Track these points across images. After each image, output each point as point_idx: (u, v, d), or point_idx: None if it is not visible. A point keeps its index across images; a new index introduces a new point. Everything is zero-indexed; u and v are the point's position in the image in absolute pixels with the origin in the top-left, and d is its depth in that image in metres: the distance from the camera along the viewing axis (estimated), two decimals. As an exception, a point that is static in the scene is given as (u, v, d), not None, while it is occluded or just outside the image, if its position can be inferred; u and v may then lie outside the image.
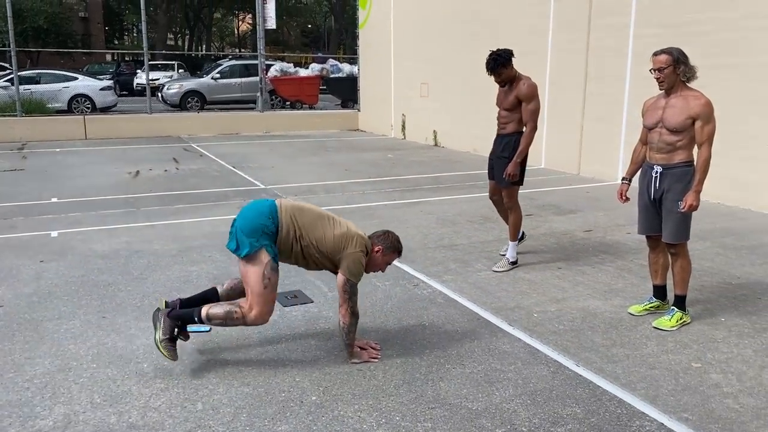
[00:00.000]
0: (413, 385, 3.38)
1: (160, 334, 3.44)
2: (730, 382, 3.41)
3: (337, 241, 3.54)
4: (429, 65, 14.37)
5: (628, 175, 4.45)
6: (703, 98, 4.01)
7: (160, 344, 3.43)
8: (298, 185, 9.29)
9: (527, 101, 5.27)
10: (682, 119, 4.03)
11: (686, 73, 4.05)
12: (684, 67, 4.03)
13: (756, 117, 7.56)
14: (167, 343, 3.44)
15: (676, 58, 4.01)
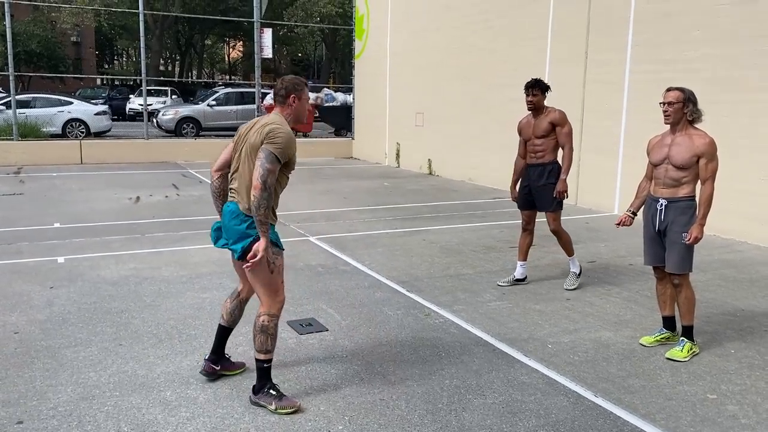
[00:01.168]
0: (437, 416, 3.42)
1: (275, 406, 3.41)
2: (746, 413, 3.48)
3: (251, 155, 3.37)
4: (424, 95, 14.58)
5: (634, 209, 4.55)
6: (707, 137, 4.16)
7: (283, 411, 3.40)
8: (298, 212, 9.34)
9: (562, 125, 5.71)
10: (687, 157, 4.16)
11: (693, 113, 4.19)
12: (692, 107, 4.18)
13: (749, 151, 7.76)
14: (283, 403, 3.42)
15: (687, 96, 4.17)
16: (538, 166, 5.75)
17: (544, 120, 5.70)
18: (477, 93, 12.80)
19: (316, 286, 5.71)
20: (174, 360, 4.07)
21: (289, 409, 3.40)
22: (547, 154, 5.73)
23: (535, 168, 5.76)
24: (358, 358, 4.14)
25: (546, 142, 5.70)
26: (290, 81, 3.52)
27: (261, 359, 3.47)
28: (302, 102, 3.50)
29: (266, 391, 3.46)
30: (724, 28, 8.01)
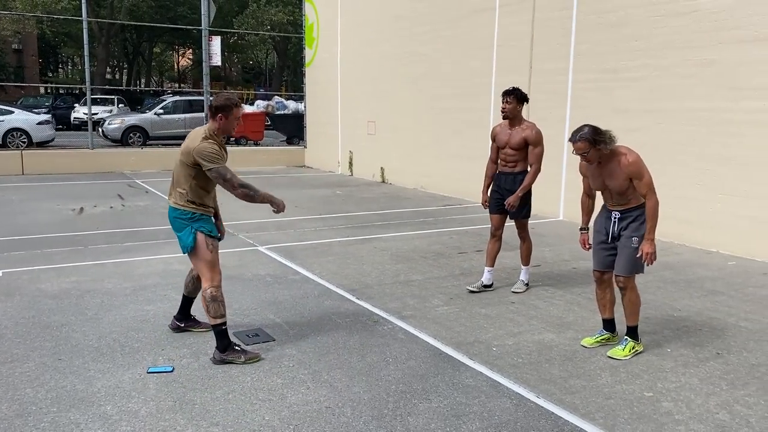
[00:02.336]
0: (382, 421, 3.44)
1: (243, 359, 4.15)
2: (680, 410, 3.61)
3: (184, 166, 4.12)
4: (376, 103, 14.67)
5: (584, 225, 4.65)
6: (630, 156, 4.19)
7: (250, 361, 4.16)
8: (248, 222, 9.25)
9: (534, 145, 5.73)
10: (621, 181, 4.26)
11: (608, 145, 4.17)
12: (603, 143, 4.15)
13: (686, 157, 8.07)
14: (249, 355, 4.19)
15: (591, 140, 4.12)
16: (509, 174, 5.82)
17: (519, 133, 5.69)
18: (427, 102, 12.95)
19: (264, 296, 5.67)
20: (115, 373, 3.98)
21: (254, 359, 4.18)
22: (519, 164, 5.79)
23: (507, 176, 5.83)
24: (304, 367, 4.13)
25: (519, 153, 5.74)
26: (221, 100, 4.13)
27: (218, 323, 4.17)
28: (230, 120, 4.12)
29: (232, 348, 4.18)
30: (660, 38, 8.32)
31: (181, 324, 4.75)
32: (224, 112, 4.09)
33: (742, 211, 7.48)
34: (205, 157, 4.02)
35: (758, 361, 4.32)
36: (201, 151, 4.02)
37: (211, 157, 4.03)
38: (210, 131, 4.11)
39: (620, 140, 4.45)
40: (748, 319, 5.18)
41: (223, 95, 4.19)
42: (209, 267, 4.22)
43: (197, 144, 4.04)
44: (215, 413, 3.50)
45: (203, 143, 4.04)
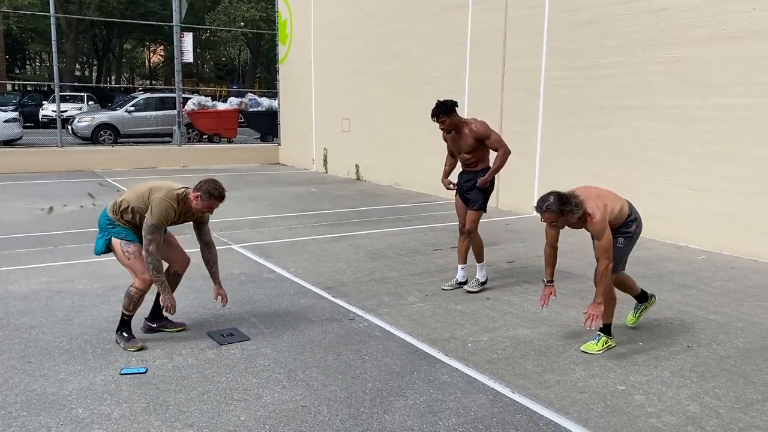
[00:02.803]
0: (359, 419, 3.44)
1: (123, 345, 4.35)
2: (652, 402, 3.67)
3: (144, 195, 4.26)
4: (350, 100, 14.64)
5: (549, 277, 4.53)
6: (594, 218, 4.16)
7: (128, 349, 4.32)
8: (221, 220, 9.17)
9: (487, 137, 5.69)
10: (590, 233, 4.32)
11: (574, 212, 4.13)
12: (569, 213, 4.12)
13: (657, 153, 8.20)
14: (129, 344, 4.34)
15: (558, 211, 4.10)
16: (470, 172, 5.85)
17: (468, 137, 5.68)
18: (401, 99, 12.95)
19: (239, 296, 5.62)
20: (87, 375, 3.92)
21: (132, 348, 4.31)
22: (479, 163, 5.81)
23: (468, 174, 5.87)
24: (280, 366, 4.11)
25: (476, 154, 5.75)
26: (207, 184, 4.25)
27: (123, 312, 4.41)
28: (203, 203, 4.26)
29: (120, 333, 4.40)
30: (631, 36, 8.43)
31: (153, 324, 4.71)
32: (202, 196, 4.24)
33: (711, 207, 7.63)
34: (153, 209, 4.18)
35: (727, 354, 4.40)
36: (157, 202, 4.19)
37: (158, 214, 4.17)
38: (186, 194, 4.29)
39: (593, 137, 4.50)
40: (717, 312, 5.28)
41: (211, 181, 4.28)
42: (132, 271, 4.36)
43: (162, 194, 4.22)
44: (190, 414, 3.46)
45: (167, 198, 4.21)
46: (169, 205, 4.21)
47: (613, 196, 4.43)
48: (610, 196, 4.39)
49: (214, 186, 4.26)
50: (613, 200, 4.36)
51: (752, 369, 4.15)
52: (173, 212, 4.24)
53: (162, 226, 4.24)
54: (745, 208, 7.30)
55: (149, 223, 4.18)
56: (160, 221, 4.19)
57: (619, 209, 4.36)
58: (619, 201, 4.41)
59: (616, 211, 4.33)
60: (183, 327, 4.77)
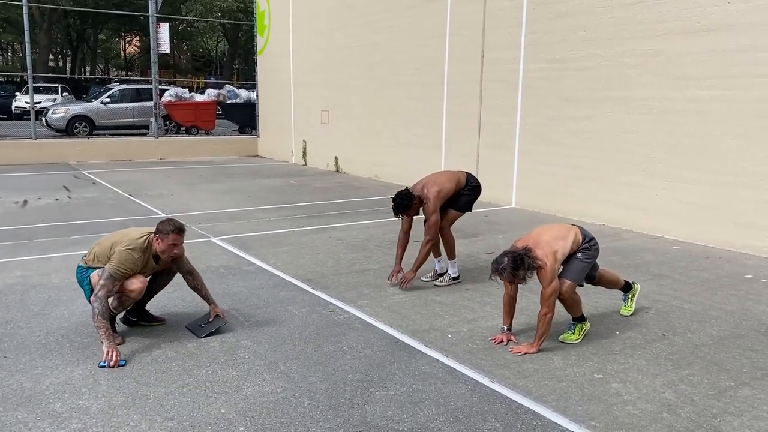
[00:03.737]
0: (339, 411, 3.45)
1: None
2: (629, 390, 3.73)
3: (107, 250, 4.24)
4: (329, 92, 14.59)
5: (508, 326, 4.50)
6: (545, 267, 4.15)
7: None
8: (201, 213, 9.12)
9: (427, 216, 5.63)
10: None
11: (528, 275, 4.12)
12: (522, 274, 4.08)
13: (633, 145, 8.29)
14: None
15: (511, 274, 4.08)
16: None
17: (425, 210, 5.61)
18: (380, 91, 12.94)
19: (218, 288, 5.59)
20: (64, 370, 3.88)
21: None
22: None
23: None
24: (260, 359, 4.11)
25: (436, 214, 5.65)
26: (162, 224, 4.27)
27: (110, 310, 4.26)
28: (164, 242, 4.24)
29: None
30: (608, 29, 8.50)
31: (133, 318, 4.69)
32: (160, 235, 4.23)
33: (686, 198, 7.74)
34: (113, 257, 4.15)
35: (701, 342, 4.49)
36: (118, 252, 4.16)
37: (116, 263, 4.12)
38: (149, 241, 4.27)
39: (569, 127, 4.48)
40: (691, 302, 5.37)
41: (169, 220, 4.32)
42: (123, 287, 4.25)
43: (124, 245, 4.19)
44: (169, 407, 3.45)
45: (127, 249, 4.17)
46: (129, 255, 4.17)
47: (564, 230, 4.44)
48: (562, 234, 4.39)
49: (168, 223, 4.27)
50: (564, 237, 4.38)
51: (725, 356, 4.23)
52: (135, 261, 4.19)
53: (120, 275, 4.13)
54: (719, 199, 7.42)
55: (106, 269, 4.12)
56: (118, 270, 4.12)
57: (570, 244, 4.36)
58: (570, 234, 4.42)
59: (568, 249, 4.34)
60: (162, 322, 4.75)
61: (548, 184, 9.44)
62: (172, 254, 4.31)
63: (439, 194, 5.59)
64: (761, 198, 7.03)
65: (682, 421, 3.37)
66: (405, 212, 5.55)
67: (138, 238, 4.26)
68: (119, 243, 4.23)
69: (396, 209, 5.55)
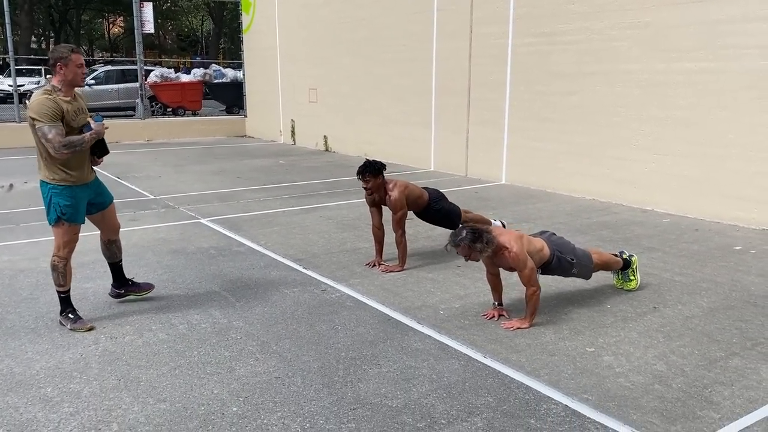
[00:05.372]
0: (333, 388, 3.45)
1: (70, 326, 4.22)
2: (620, 362, 3.75)
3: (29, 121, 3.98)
4: (317, 70, 14.44)
5: (498, 301, 4.49)
6: (511, 252, 4.10)
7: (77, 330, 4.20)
8: (189, 194, 9.05)
9: (394, 211, 5.48)
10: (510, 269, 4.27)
11: (484, 250, 4.04)
12: (479, 248, 4.02)
13: (622, 118, 8.27)
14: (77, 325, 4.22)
15: (467, 247, 4.02)
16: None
17: (388, 202, 5.48)
18: (368, 67, 12.82)
19: (208, 270, 5.56)
20: (55, 354, 3.85)
21: (82, 329, 4.19)
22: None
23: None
24: (252, 339, 4.09)
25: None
26: (55, 50, 4.06)
27: (58, 290, 4.32)
28: (70, 67, 3.99)
29: (65, 314, 4.28)
30: (596, 2, 8.43)
31: (120, 290, 4.71)
32: (61, 60, 3.96)
33: (675, 170, 7.75)
34: (35, 113, 3.91)
35: (691, 314, 4.51)
36: (32, 108, 3.92)
37: (40, 113, 3.89)
38: (52, 87, 4.01)
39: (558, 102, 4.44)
40: (682, 274, 5.40)
41: (56, 47, 4.11)
42: (58, 241, 4.24)
43: (32, 101, 3.95)
44: (162, 389, 3.43)
45: (37, 98, 3.94)
46: (40, 105, 3.89)
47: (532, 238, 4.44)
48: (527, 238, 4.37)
49: (59, 48, 4.03)
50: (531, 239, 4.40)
51: (716, 327, 4.26)
52: (49, 105, 3.90)
53: (51, 120, 3.89)
54: (708, 172, 7.43)
55: (38, 126, 3.89)
56: (44, 116, 3.87)
57: (540, 247, 4.34)
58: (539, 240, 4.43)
59: (537, 246, 4.32)
60: (150, 289, 4.81)
61: (538, 159, 9.43)
62: (82, 75, 4.08)
63: (405, 188, 5.51)
64: (750, 170, 7.05)
65: (673, 392, 3.39)
66: (368, 175, 5.34)
67: (40, 91, 4.00)
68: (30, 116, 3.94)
69: (363, 170, 5.34)
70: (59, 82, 4.01)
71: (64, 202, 4.13)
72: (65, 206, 4.15)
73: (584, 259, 4.58)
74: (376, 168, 5.43)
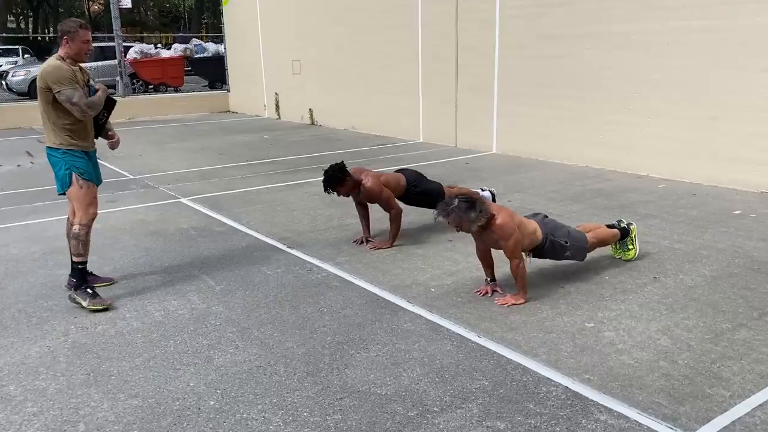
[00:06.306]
0: (318, 377, 3.23)
1: (88, 302, 4.07)
2: (622, 338, 3.54)
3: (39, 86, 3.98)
4: (300, 41, 14.03)
5: (490, 277, 4.26)
6: (498, 223, 3.89)
7: (95, 307, 4.06)
8: (170, 173, 8.75)
9: (376, 200, 5.23)
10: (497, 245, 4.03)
11: (478, 219, 3.80)
12: (472, 217, 3.79)
13: (614, 81, 7.99)
14: (96, 301, 4.09)
15: (459, 216, 3.79)
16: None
17: (365, 194, 5.19)
18: (351, 37, 12.43)
19: (187, 252, 5.31)
20: (20, 348, 3.61)
21: (101, 306, 4.08)
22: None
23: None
24: (232, 325, 3.86)
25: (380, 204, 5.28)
26: (64, 23, 4.08)
27: (75, 261, 4.18)
28: (76, 42, 4.00)
29: (83, 289, 4.14)
30: (586, -40, 8.09)
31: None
32: (68, 35, 3.98)
33: (670, 134, 7.51)
34: (54, 80, 3.90)
35: (694, 283, 4.31)
36: (49, 75, 3.91)
37: (60, 78, 3.90)
38: (60, 56, 4.03)
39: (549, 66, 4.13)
40: (681, 241, 5.19)
41: (65, 21, 4.11)
42: (80, 205, 4.14)
43: (46, 75, 3.93)
44: (134, 383, 3.20)
45: (52, 65, 3.96)
46: (56, 71, 3.92)
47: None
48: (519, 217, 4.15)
49: (68, 22, 4.05)
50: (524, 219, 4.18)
51: (720, 297, 4.06)
52: (65, 71, 3.93)
53: (71, 83, 3.91)
54: (704, 134, 7.20)
55: (61, 89, 3.90)
56: (66, 80, 3.90)
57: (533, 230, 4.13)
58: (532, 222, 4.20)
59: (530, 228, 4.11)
60: (110, 282, 4.58)
61: (529, 126, 9.15)
62: (87, 51, 4.05)
63: (378, 177, 5.19)
64: (746, 130, 6.82)
65: (680, 368, 3.19)
66: (335, 187, 4.98)
67: (49, 63, 4.00)
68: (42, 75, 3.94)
69: (325, 182, 4.95)
70: (64, 53, 4.02)
71: (80, 163, 4.12)
72: (81, 166, 4.12)
73: (578, 240, 4.35)
74: (338, 176, 4.97)
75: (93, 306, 4.07)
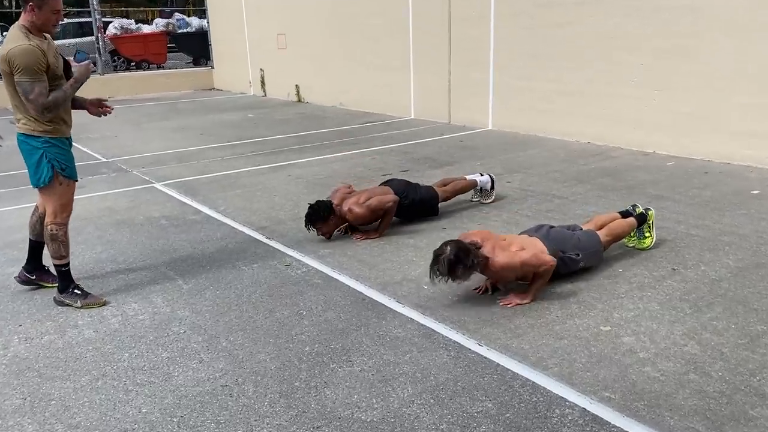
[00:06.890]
0: (293, 399, 2.76)
1: (80, 303, 3.69)
2: (644, 344, 3.08)
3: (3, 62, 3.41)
4: (285, 14, 13.38)
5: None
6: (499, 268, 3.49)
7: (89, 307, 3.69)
8: (145, 155, 8.22)
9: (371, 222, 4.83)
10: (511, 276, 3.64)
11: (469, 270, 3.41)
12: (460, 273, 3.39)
13: (619, 52, 7.46)
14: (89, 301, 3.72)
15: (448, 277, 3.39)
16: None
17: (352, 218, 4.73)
18: (337, 8, 11.80)
19: (156, 244, 4.81)
20: (-50, 366, 3.12)
21: (95, 305, 3.71)
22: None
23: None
24: (198, 333, 3.38)
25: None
26: None
27: (57, 264, 3.74)
28: (43, 11, 3.43)
29: (71, 291, 3.75)
30: None
31: (31, 276, 4.03)
32: (36, 2, 3.39)
33: (678, 107, 7.01)
34: (19, 63, 3.35)
35: (718, 275, 3.85)
36: (15, 56, 3.36)
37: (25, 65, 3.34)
38: (23, 25, 3.44)
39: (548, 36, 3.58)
40: (698, 226, 4.72)
41: None
42: (57, 203, 3.69)
43: (11, 46, 3.37)
44: (76, 410, 2.73)
45: (18, 45, 3.36)
46: (27, 49, 3.35)
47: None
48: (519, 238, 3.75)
49: None
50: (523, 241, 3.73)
51: (750, 292, 3.60)
52: (38, 53, 3.38)
53: (35, 74, 3.37)
54: (714, 106, 6.70)
55: (20, 80, 3.36)
56: (29, 70, 3.35)
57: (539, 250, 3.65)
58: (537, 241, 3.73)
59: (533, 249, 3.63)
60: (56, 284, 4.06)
61: (527, 101, 8.63)
62: (55, 23, 3.51)
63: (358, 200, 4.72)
64: (760, 102, 6.32)
65: (714, 382, 2.73)
66: (318, 223, 4.61)
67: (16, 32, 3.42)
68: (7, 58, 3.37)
69: (309, 221, 4.60)
70: (28, 23, 3.43)
71: (61, 156, 3.63)
72: (64, 160, 3.65)
73: (591, 245, 3.89)
74: (323, 213, 4.61)
75: (86, 307, 3.70)
